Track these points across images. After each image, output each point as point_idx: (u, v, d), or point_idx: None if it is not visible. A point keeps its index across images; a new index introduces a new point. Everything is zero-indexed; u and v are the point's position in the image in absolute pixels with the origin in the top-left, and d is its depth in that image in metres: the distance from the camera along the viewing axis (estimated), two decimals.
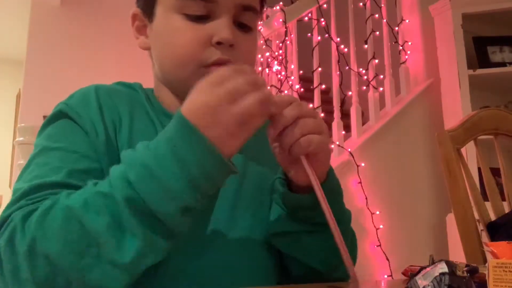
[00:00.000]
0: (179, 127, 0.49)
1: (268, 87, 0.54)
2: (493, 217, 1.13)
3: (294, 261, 0.66)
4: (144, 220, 0.48)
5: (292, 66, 2.65)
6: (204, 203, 0.51)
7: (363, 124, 2.63)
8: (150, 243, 0.48)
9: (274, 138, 0.56)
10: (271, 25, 2.59)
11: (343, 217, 0.66)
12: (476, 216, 1.11)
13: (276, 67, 2.73)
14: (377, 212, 2.37)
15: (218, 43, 0.61)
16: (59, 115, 0.65)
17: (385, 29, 2.85)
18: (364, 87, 2.75)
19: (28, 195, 0.54)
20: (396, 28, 2.90)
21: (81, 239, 0.48)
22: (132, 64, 3.90)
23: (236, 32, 0.63)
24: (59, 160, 0.58)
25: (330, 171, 0.62)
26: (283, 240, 0.65)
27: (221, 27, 0.61)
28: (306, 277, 0.66)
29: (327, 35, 2.65)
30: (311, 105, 2.49)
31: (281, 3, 2.91)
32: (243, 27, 0.65)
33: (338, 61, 2.61)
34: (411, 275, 0.48)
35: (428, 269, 0.46)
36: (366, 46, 2.77)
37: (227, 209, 0.65)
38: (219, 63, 0.61)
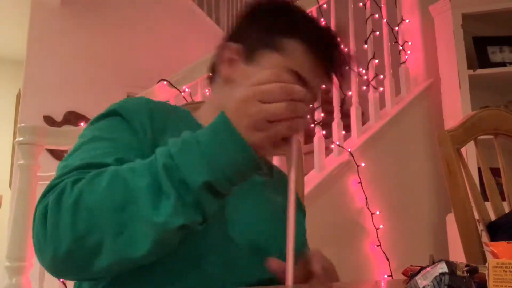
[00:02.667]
0: (221, 123, 0.56)
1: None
2: (493, 217, 1.13)
3: None
4: (177, 185, 0.53)
5: None
6: (227, 189, 0.57)
7: (363, 124, 2.63)
8: (181, 207, 0.53)
9: None
10: None
11: None
12: (476, 216, 1.11)
13: None
14: (377, 212, 2.37)
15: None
16: (112, 113, 0.70)
17: (385, 29, 2.85)
18: (364, 87, 2.75)
19: (79, 169, 0.59)
20: (396, 28, 2.90)
21: (123, 195, 0.53)
22: (132, 64, 3.90)
23: None
24: (109, 147, 0.64)
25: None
26: None
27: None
28: None
29: None
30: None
31: None
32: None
33: None
34: (411, 275, 0.48)
35: (428, 269, 0.46)
36: (366, 46, 2.77)
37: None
38: None
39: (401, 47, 2.88)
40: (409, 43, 2.91)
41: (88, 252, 0.54)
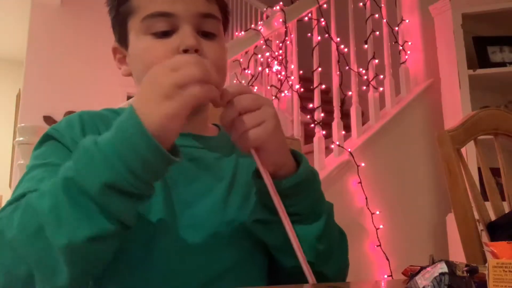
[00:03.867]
0: (125, 113, 0.52)
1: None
2: (493, 217, 1.13)
3: (279, 251, 0.67)
4: (76, 196, 0.50)
5: (292, 66, 2.65)
6: (139, 186, 0.51)
7: (363, 124, 2.63)
8: (85, 218, 0.49)
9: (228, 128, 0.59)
10: (271, 25, 2.59)
11: (323, 207, 0.67)
12: (476, 216, 1.11)
13: (276, 67, 2.73)
14: (377, 212, 2.37)
15: (185, 50, 0.66)
16: (46, 138, 0.69)
17: (385, 29, 2.85)
18: (364, 87, 2.75)
19: (11, 203, 0.58)
20: (396, 28, 2.90)
21: (34, 224, 0.51)
22: None
23: (200, 39, 0.68)
24: (43, 173, 0.62)
25: (302, 159, 0.64)
26: (258, 227, 0.66)
27: (184, 36, 0.67)
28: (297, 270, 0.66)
29: (327, 35, 2.65)
30: (311, 105, 2.49)
31: (281, 3, 2.92)
32: (207, 35, 0.70)
33: (338, 61, 2.61)
34: (411, 275, 0.48)
35: (428, 269, 0.46)
36: (366, 46, 2.77)
37: (218, 201, 0.69)
38: None
39: (401, 47, 2.88)
40: (409, 43, 2.91)
41: (24, 283, 0.53)
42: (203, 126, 0.76)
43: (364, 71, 2.74)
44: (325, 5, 2.70)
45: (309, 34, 2.65)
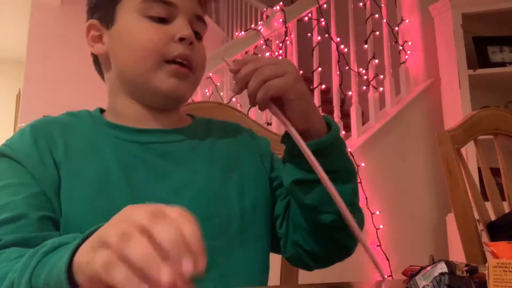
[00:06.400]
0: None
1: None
2: (493, 217, 1.13)
3: (315, 211, 0.67)
4: None
5: None
6: None
7: (363, 124, 2.63)
8: None
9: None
10: (271, 25, 2.59)
11: (352, 164, 0.69)
12: (476, 216, 1.11)
13: None
14: (377, 212, 2.37)
15: (181, 39, 0.67)
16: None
17: (385, 29, 2.85)
18: (364, 87, 2.75)
19: None
20: (396, 28, 2.90)
21: None
22: None
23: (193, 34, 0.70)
24: (4, 196, 0.61)
25: (329, 120, 0.66)
26: (295, 189, 0.66)
27: (183, 26, 0.68)
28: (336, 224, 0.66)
29: (327, 35, 2.65)
30: None
31: (281, 3, 2.91)
32: (196, 34, 0.72)
33: (338, 61, 2.61)
34: (411, 275, 0.48)
35: (428, 269, 0.46)
36: (366, 46, 2.77)
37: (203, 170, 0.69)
38: (181, 57, 0.68)
39: (401, 47, 2.88)
40: (409, 43, 2.91)
41: None
42: (175, 121, 0.75)
43: (364, 71, 2.74)
44: (325, 5, 2.70)
45: (309, 34, 2.65)
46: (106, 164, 0.65)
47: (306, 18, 2.71)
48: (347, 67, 2.67)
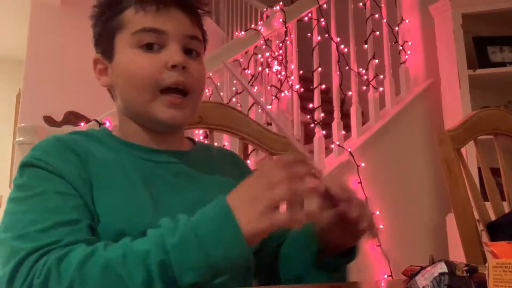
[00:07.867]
0: (223, 213, 0.56)
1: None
2: (493, 217, 1.13)
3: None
4: (168, 283, 0.54)
5: (292, 66, 2.65)
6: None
7: (363, 124, 2.63)
8: None
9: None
10: (271, 25, 2.59)
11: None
12: (476, 216, 1.11)
13: (276, 67, 2.73)
14: (377, 212, 2.37)
15: (173, 66, 0.71)
16: (28, 166, 0.68)
17: (385, 29, 2.85)
18: (364, 87, 2.75)
19: (54, 248, 0.58)
20: (396, 28, 2.90)
21: None
22: None
23: (186, 57, 0.73)
24: (42, 202, 0.63)
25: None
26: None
27: (174, 53, 0.72)
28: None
29: (327, 35, 2.65)
30: (310, 105, 2.49)
31: (281, 3, 2.91)
32: (191, 53, 0.75)
33: (338, 61, 2.61)
34: (411, 275, 0.48)
35: (428, 269, 0.46)
36: (366, 46, 2.77)
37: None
38: (175, 85, 0.71)
39: (401, 47, 2.88)
40: (409, 43, 2.91)
41: None
42: (180, 142, 0.82)
43: (364, 71, 2.74)
44: (325, 5, 2.70)
45: (309, 34, 2.65)
46: (130, 176, 0.70)
47: (306, 18, 2.71)
48: (347, 67, 2.67)
